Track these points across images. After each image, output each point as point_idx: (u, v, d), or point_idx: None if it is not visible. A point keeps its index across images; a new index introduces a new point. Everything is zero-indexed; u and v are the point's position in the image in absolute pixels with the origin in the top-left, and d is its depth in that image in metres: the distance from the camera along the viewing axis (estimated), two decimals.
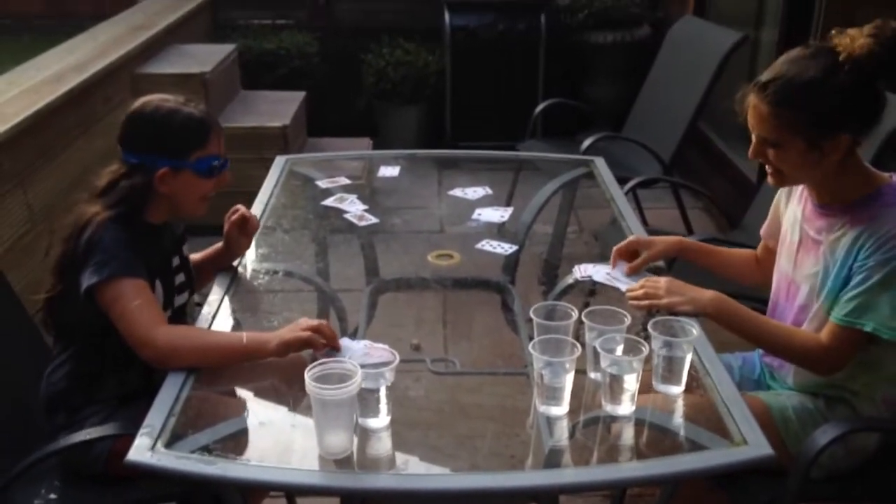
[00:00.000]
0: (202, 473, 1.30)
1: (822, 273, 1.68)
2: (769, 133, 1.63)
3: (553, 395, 1.46)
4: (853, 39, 1.56)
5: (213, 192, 1.82)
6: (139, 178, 1.72)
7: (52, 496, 1.73)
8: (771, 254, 1.92)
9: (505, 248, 2.15)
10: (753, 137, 1.68)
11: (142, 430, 1.36)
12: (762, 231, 1.98)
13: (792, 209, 1.83)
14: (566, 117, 4.38)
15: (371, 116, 5.17)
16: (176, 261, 1.89)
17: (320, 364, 1.40)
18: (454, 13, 4.92)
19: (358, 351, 1.58)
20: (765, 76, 1.63)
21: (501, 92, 4.95)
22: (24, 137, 2.81)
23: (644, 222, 4.00)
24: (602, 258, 2.06)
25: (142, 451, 1.32)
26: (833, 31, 1.61)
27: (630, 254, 1.95)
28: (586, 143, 3.39)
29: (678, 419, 1.52)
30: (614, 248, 1.97)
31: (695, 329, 1.58)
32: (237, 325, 1.86)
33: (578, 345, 1.49)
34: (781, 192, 1.89)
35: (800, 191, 1.81)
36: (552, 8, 4.93)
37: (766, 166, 1.70)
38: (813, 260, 1.72)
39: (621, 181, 2.65)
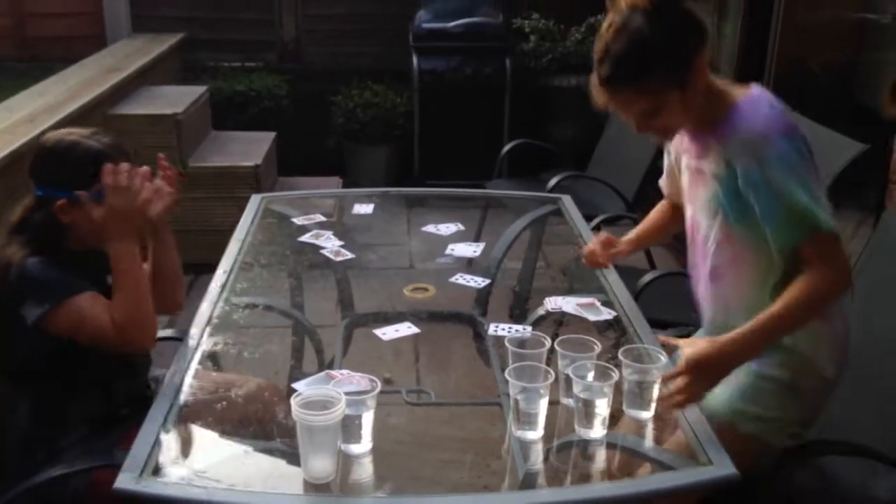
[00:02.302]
0: (188, 499, 1.33)
1: (714, 197, 1.71)
2: (646, 106, 1.65)
3: (528, 420, 1.51)
4: None
5: None
6: (45, 209, 1.76)
7: None
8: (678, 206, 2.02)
9: (478, 282, 2.22)
10: (632, 119, 1.69)
11: (129, 459, 1.39)
12: (663, 187, 2.10)
13: (668, 159, 1.93)
14: (532, 157, 4.50)
15: (340, 156, 5.24)
16: (110, 279, 1.86)
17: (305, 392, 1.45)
18: (422, 57, 5.04)
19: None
20: (603, 72, 1.63)
21: (468, 133, 5.06)
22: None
23: None
24: (570, 291, 2.14)
25: (129, 479, 1.35)
26: (608, 2, 1.65)
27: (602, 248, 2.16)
28: (552, 181, 3.49)
29: (647, 442, 1.59)
30: (591, 247, 2.17)
31: (662, 356, 1.66)
32: (215, 358, 1.90)
33: (552, 371, 1.56)
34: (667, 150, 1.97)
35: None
36: (516, 53, 5.08)
37: (652, 134, 1.74)
38: (703, 190, 1.75)
39: (586, 218, 2.73)
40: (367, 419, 1.46)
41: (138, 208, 1.73)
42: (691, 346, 1.63)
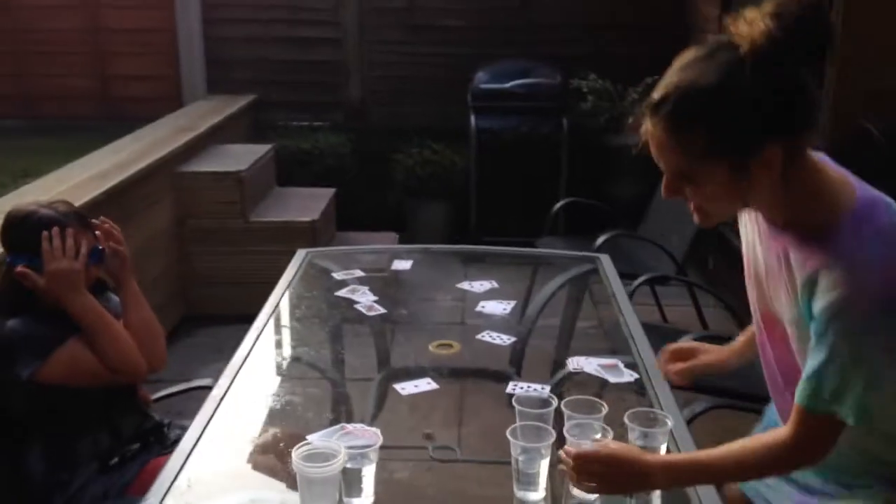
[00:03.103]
0: None
1: (799, 319, 1.34)
2: (677, 164, 1.28)
3: (529, 481, 1.51)
4: (751, 24, 1.21)
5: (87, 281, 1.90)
6: (12, 275, 1.86)
7: None
8: None
9: (504, 340, 2.24)
10: (664, 172, 1.32)
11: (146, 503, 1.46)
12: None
13: (745, 230, 1.50)
14: (587, 216, 4.52)
15: (401, 211, 5.37)
16: None
17: (307, 444, 1.49)
18: (480, 116, 5.16)
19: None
20: (656, 93, 1.28)
21: (524, 190, 5.14)
22: None
23: (664, 319, 4.05)
24: (610, 353, 2.13)
25: None
26: (729, 19, 1.24)
27: (683, 355, 1.77)
28: (599, 240, 3.50)
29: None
30: (670, 348, 1.78)
31: (669, 420, 1.64)
32: (242, 407, 1.97)
33: (553, 431, 1.56)
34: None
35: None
36: (574, 112, 5.14)
37: (685, 203, 1.36)
38: (784, 294, 1.37)
39: (634, 277, 2.72)
40: (369, 473, 1.49)
41: (75, 268, 1.84)
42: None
